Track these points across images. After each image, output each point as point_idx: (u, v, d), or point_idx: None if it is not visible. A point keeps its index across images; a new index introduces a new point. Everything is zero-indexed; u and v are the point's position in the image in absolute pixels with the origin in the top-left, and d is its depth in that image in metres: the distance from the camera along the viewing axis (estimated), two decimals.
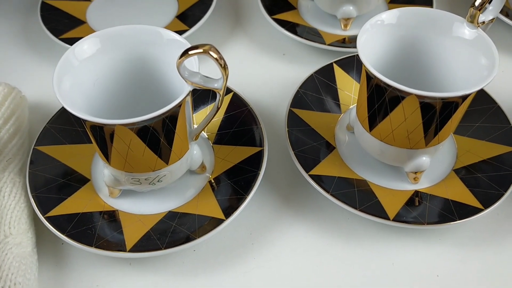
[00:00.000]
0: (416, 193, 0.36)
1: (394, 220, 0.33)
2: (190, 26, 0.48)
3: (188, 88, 0.29)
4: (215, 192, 0.36)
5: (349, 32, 0.49)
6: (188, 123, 0.33)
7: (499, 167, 0.36)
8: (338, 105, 0.42)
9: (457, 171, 0.37)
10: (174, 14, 0.51)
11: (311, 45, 0.46)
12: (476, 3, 0.32)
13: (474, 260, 0.34)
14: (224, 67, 0.28)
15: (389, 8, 0.51)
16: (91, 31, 0.49)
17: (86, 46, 0.32)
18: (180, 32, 0.46)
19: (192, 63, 0.31)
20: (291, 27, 0.48)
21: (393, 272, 0.34)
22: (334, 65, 0.43)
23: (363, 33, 0.33)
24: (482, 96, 0.41)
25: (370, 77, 0.32)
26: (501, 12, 0.49)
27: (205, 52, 0.27)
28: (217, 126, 0.40)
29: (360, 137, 0.37)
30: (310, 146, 0.38)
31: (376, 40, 0.34)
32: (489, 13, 0.34)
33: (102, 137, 0.30)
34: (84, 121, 0.30)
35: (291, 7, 0.51)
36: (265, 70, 0.47)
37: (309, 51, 0.48)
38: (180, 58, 0.28)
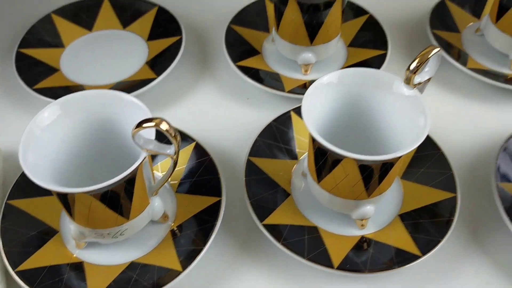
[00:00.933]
0: (363, 238, 0.39)
1: (338, 268, 0.36)
2: (159, 73, 0.50)
3: (143, 154, 0.32)
4: (175, 242, 0.38)
5: (309, 77, 0.52)
6: (147, 181, 0.35)
7: (439, 213, 0.39)
8: (295, 152, 0.44)
9: (401, 216, 0.40)
10: (145, 60, 0.54)
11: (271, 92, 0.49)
12: (411, 67, 0.35)
13: None
14: (174, 136, 0.31)
15: (349, 52, 0.54)
16: (64, 78, 0.52)
17: (46, 114, 0.34)
18: (149, 80, 0.49)
19: (149, 131, 0.33)
20: (254, 73, 0.51)
21: None
22: (292, 112, 0.46)
23: (307, 96, 0.36)
24: (428, 142, 0.44)
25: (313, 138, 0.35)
26: (453, 52, 0.52)
27: (156, 125, 0.30)
28: (180, 175, 0.43)
29: (311, 186, 0.40)
30: (266, 195, 0.41)
31: (321, 101, 0.37)
32: (426, 74, 0.36)
33: (66, 200, 0.33)
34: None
35: (256, 52, 0.54)
36: (229, 115, 0.50)
37: (271, 95, 0.51)
38: (134, 129, 0.31)
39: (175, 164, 0.33)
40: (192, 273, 0.37)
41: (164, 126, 0.30)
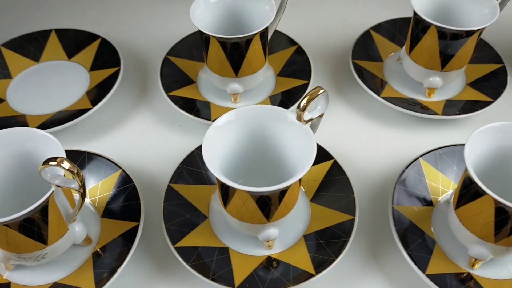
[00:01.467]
0: (269, 258, 0.43)
1: (238, 287, 0.40)
2: (96, 103, 0.54)
3: (52, 188, 0.36)
4: (95, 264, 0.42)
5: (238, 105, 0.56)
6: (62, 209, 0.39)
7: (338, 234, 0.43)
8: (215, 179, 0.48)
9: (305, 237, 0.44)
10: (85, 90, 0.57)
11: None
12: (301, 105, 0.39)
13: None
14: (76, 173, 0.35)
15: (277, 81, 0.58)
16: (9, 109, 0.55)
17: None
18: (86, 110, 0.53)
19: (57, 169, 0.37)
20: (186, 102, 0.55)
21: None
22: None
23: (206, 139, 0.39)
24: (336, 168, 0.47)
25: None
26: (375, 80, 0.56)
27: (58, 164, 0.34)
28: (105, 201, 0.46)
29: (221, 211, 0.44)
30: (183, 218, 0.45)
31: (223, 139, 0.40)
32: (317, 112, 0.40)
33: None
34: None
35: (191, 82, 0.58)
36: (161, 142, 0.54)
37: (200, 123, 0.54)
38: (41, 167, 0.34)
39: (82, 196, 0.37)
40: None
41: (65, 165, 0.34)
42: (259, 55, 0.53)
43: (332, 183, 0.47)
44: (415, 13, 0.51)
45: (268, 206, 0.39)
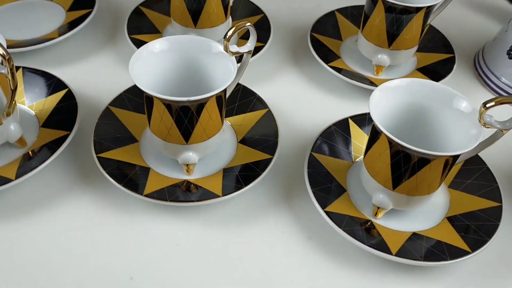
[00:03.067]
0: (185, 181, 0.45)
1: (146, 196, 0.42)
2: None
3: None
4: (21, 163, 0.45)
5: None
6: None
7: (255, 169, 0.45)
8: None
9: (225, 169, 0.46)
10: (59, 25, 0.62)
11: None
12: (227, 36, 0.41)
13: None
14: (8, 60, 0.38)
15: (239, 41, 0.61)
16: None
17: None
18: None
19: None
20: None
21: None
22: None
23: (135, 55, 0.43)
24: (268, 116, 0.50)
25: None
26: (330, 55, 0.59)
27: None
28: (48, 113, 0.49)
29: (151, 137, 0.46)
30: (114, 137, 0.48)
31: (154, 63, 0.44)
32: (246, 48, 0.43)
33: None
34: None
35: (157, 31, 0.62)
36: (119, 78, 0.57)
37: None
38: None
39: (13, 86, 0.40)
40: (26, 183, 0.44)
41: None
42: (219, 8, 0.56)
43: (261, 129, 0.49)
44: None
45: (183, 123, 0.41)
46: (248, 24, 0.42)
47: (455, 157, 0.39)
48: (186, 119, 0.41)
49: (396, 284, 0.41)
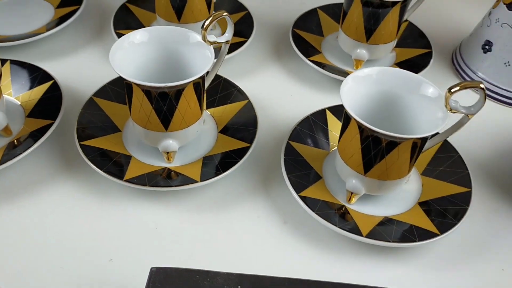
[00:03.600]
0: (165, 168, 0.46)
1: (127, 181, 0.43)
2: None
3: None
4: (6, 151, 0.46)
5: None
6: None
7: (234, 157, 0.47)
8: None
9: (205, 158, 0.48)
10: (47, 22, 0.63)
11: None
12: (204, 25, 0.43)
13: None
14: None
15: None
16: None
17: None
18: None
19: None
20: None
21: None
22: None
23: (115, 45, 0.44)
24: (248, 107, 0.51)
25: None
26: (310, 50, 0.61)
27: None
28: (33, 104, 0.51)
29: (133, 126, 0.48)
30: (97, 126, 0.49)
31: (136, 52, 0.45)
32: (223, 38, 0.45)
33: None
34: None
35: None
36: (105, 72, 0.58)
37: None
38: None
39: None
40: (10, 170, 0.45)
41: None
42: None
43: (241, 119, 0.51)
44: None
45: (162, 110, 0.43)
46: (225, 14, 0.43)
47: (423, 140, 0.40)
48: (165, 106, 0.43)
49: (368, 266, 0.42)
